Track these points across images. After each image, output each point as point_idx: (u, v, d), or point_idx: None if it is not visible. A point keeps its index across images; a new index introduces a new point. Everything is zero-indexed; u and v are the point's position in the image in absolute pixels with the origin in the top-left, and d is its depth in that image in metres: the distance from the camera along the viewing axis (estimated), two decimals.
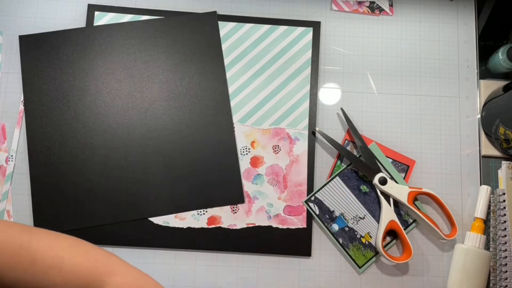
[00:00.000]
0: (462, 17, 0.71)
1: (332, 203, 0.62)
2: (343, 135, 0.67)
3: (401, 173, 0.65)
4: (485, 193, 0.63)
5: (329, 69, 0.69)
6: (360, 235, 0.61)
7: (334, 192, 0.62)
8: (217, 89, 0.67)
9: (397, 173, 0.64)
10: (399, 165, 0.65)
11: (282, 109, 0.67)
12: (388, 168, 0.64)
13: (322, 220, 0.60)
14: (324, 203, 0.62)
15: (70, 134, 0.65)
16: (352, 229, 0.61)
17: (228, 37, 0.69)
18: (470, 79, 0.69)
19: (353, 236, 0.61)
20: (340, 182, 0.61)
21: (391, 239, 0.62)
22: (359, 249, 0.60)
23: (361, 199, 0.61)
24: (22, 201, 0.64)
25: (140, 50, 0.68)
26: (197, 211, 0.64)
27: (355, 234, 0.61)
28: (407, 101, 0.68)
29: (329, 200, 0.62)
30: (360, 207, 0.61)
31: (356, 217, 0.61)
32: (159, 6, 0.70)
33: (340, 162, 0.65)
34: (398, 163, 0.65)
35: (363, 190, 0.62)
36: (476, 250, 0.61)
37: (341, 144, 0.66)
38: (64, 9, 0.69)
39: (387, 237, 0.62)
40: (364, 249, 0.60)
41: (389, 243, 0.62)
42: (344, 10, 0.71)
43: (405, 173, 0.65)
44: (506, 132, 0.61)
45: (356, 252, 0.60)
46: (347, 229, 0.61)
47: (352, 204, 0.61)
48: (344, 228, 0.61)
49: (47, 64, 0.67)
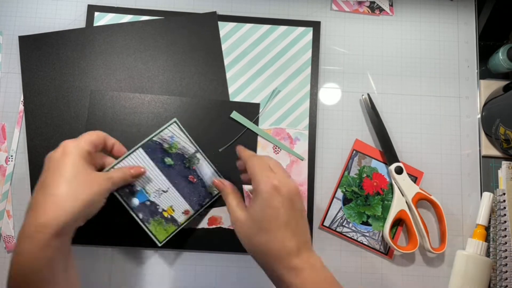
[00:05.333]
0: (462, 17, 0.71)
1: None
2: (343, 135, 0.67)
3: None
4: (488, 200, 0.63)
5: (329, 69, 0.69)
6: (163, 208, 0.57)
7: (135, 164, 0.55)
8: (217, 89, 0.67)
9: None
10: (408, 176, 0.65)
11: (282, 109, 0.67)
12: None
13: (121, 195, 0.54)
14: None
15: (70, 135, 0.65)
16: (153, 203, 0.56)
17: (228, 37, 0.69)
18: (470, 79, 0.69)
19: (154, 210, 0.56)
20: (143, 154, 0.55)
21: None
22: (160, 224, 0.56)
23: (165, 172, 0.56)
24: (22, 201, 0.64)
25: (140, 51, 0.68)
26: None
27: (156, 208, 0.56)
28: (407, 101, 0.68)
29: None
30: (163, 180, 0.56)
31: (159, 190, 0.56)
32: (159, 6, 0.70)
33: (348, 173, 0.66)
34: (407, 174, 0.64)
35: (167, 162, 0.57)
36: (478, 257, 0.61)
37: (349, 155, 0.66)
38: (64, 9, 0.69)
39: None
40: (166, 223, 0.57)
41: None
42: (344, 10, 0.71)
43: None
44: (506, 132, 0.61)
45: (157, 227, 0.56)
46: (149, 203, 0.56)
47: (155, 177, 0.56)
48: (146, 203, 0.56)
49: (47, 64, 0.67)
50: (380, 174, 0.65)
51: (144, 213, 0.56)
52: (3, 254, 0.63)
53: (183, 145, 0.58)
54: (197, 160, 0.59)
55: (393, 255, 0.64)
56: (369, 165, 0.66)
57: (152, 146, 0.56)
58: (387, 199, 0.64)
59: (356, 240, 0.64)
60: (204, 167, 0.60)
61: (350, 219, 0.64)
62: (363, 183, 0.65)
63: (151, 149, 0.56)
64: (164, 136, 0.57)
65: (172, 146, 0.58)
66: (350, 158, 0.66)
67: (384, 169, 0.65)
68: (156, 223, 0.56)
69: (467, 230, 0.64)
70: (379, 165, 0.66)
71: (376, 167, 0.66)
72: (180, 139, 0.58)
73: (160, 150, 0.57)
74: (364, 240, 0.64)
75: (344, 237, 0.64)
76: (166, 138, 0.57)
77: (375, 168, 0.66)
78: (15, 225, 0.63)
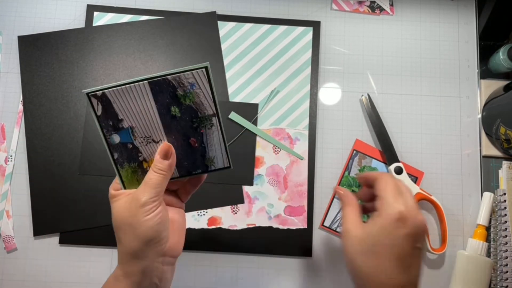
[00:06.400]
0: (462, 16, 0.71)
1: (125, 110, 0.45)
2: (343, 135, 0.67)
3: None
4: (488, 200, 0.63)
5: (329, 69, 0.69)
6: (144, 158, 0.47)
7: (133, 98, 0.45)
8: (217, 89, 0.67)
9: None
10: (408, 176, 0.65)
11: (282, 109, 0.67)
12: None
13: (102, 125, 0.45)
14: (114, 106, 0.45)
15: (69, 135, 0.65)
16: (136, 148, 0.46)
17: (228, 37, 0.69)
18: (471, 79, 0.69)
19: (133, 156, 0.46)
20: (147, 90, 0.44)
21: None
22: (134, 172, 0.47)
23: (165, 122, 0.46)
24: (22, 201, 0.64)
25: (140, 51, 0.67)
26: (197, 212, 0.64)
27: (137, 155, 0.47)
28: (407, 101, 0.68)
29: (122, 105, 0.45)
30: (159, 129, 0.46)
31: (149, 138, 0.46)
32: (158, 6, 0.70)
33: (348, 173, 0.65)
34: (407, 174, 0.64)
35: (172, 112, 0.45)
36: (478, 257, 0.61)
37: (349, 155, 0.66)
38: (63, 9, 0.69)
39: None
40: (141, 174, 0.47)
41: None
42: (344, 9, 0.71)
43: None
44: (506, 132, 0.61)
45: (130, 174, 0.47)
46: (131, 147, 0.46)
47: (151, 122, 0.46)
48: (127, 144, 0.46)
49: (46, 64, 0.66)
50: None
51: (121, 154, 0.46)
52: (3, 254, 0.63)
53: (201, 100, 0.46)
54: (210, 125, 0.47)
55: None
56: (369, 165, 0.66)
57: (162, 86, 0.44)
58: None
59: None
60: (214, 136, 0.48)
61: None
62: None
63: (160, 88, 0.44)
64: (183, 80, 0.44)
65: (187, 96, 0.45)
66: (350, 158, 0.66)
67: (384, 169, 0.65)
68: (130, 170, 0.47)
69: (467, 230, 0.64)
70: (379, 165, 0.66)
71: (376, 167, 0.65)
72: (201, 92, 0.45)
73: (170, 94, 0.45)
74: None
75: None
76: (185, 83, 0.44)
77: (375, 168, 0.65)
78: (14, 225, 0.63)
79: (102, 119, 0.45)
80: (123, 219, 0.42)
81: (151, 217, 0.41)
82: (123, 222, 0.42)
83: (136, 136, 0.46)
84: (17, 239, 0.63)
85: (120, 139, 0.46)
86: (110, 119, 0.45)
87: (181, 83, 0.44)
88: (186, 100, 0.46)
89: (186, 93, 0.45)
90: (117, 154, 0.46)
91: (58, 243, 0.63)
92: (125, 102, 0.45)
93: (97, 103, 0.44)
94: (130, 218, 0.41)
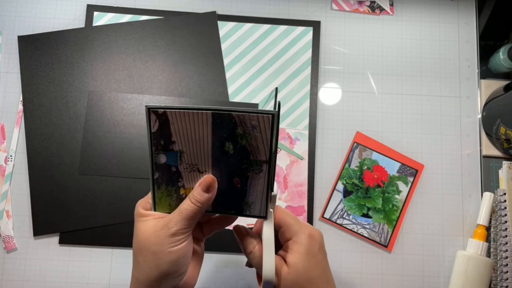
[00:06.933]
0: (462, 16, 0.71)
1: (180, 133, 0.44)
2: (343, 135, 0.67)
3: (410, 177, 0.65)
4: (488, 200, 0.63)
5: (329, 69, 0.69)
6: (183, 184, 0.46)
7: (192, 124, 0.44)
8: (217, 89, 0.67)
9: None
10: (408, 169, 0.65)
11: (282, 109, 0.67)
12: None
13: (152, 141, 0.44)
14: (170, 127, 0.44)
15: (69, 135, 0.65)
16: (179, 173, 0.45)
17: (228, 37, 0.69)
18: (471, 78, 0.69)
19: (174, 180, 0.46)
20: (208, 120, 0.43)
21: None
22: (169, 196, 0.46)
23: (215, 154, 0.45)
24: (21, 201, 0.64)
25: (140, 50, 0.67)
26: None
27: (178, 180, 0.46)
28: (407, 101, 0.68)
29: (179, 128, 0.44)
30: (207, 161, 0.45)
31: (195, 166, 0.45)
32: (158, 6, 0.70)
33: (349, 165, 0.65)
34: (407, 167, 0.65)
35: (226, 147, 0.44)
36: (478, 257, 0.61)
37: (350, 147, 0.66)
38: (63, 9, 0.69)
39: None
40: (175, 200, 0.46)
41: None
42: (344, 9, 0.71)
43: (413, 177, 0.65)
44: (507, 132, 0.61)
45: (165, 197, 0.46)
46: (174, 170, 0.45)
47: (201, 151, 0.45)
48: (171, 167, 0.45)
49: (46, 64, 0.66)
50: (381, 167, 0.65)
51: (162, 175, 0.46)
52: (3, 254, 0.63)
53: (258, 144, 0.44)
54: (259, 170, 0.45)
55: (393, 247, 0.64)
56: (370, 157, 0.66)
57: (224, 120, 0.43)
58: (387, 191, 0.64)
59: (356, 232, 0.64)
60: (260, 183, 0.46)
61: (351, 211, 0.64)
62: (364, 176, 0.65)
63: (221, 122, 0.43)
64: (247, 120, 0.43)
65: (245, 136, 0.44)
66: (351, 151, 0.66)
67: (385, 161, 0.65)
68: (166, 193, 0.46)
69: (467, 230, 0.64)
70: (380, 158, 0.66)
71: (377, 159, 0.66)
72: (261, 136, 0.44)
73: (229, 130, 0.43)
74: (364, 232, 0.64)
75: (344, 229, 0.64)
76: (247, 123, 0.43)
77: (376, 160, 0.65)
78: (14, 225, 0.63)
79: (155, 136, 0.44)
80: (148, 245, 0.40)
81: (177, 249, 0.40)
82: (147, 247, 0.40)
83: (182, 161, 0.45)
84: (17, 239, 0.63)
85: (166, 160, 0.45)
86: (162, 138, 0.44)
87: (243, 122, 0.43)
88: (243, 140, 0.44)
89: (245, 133, 0.44)
90: (158, 174, 0.46)
91: (58, 243, 0.63)
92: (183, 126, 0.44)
93: (156, 119, 0.44)
94: (155, 246, 0.39)
